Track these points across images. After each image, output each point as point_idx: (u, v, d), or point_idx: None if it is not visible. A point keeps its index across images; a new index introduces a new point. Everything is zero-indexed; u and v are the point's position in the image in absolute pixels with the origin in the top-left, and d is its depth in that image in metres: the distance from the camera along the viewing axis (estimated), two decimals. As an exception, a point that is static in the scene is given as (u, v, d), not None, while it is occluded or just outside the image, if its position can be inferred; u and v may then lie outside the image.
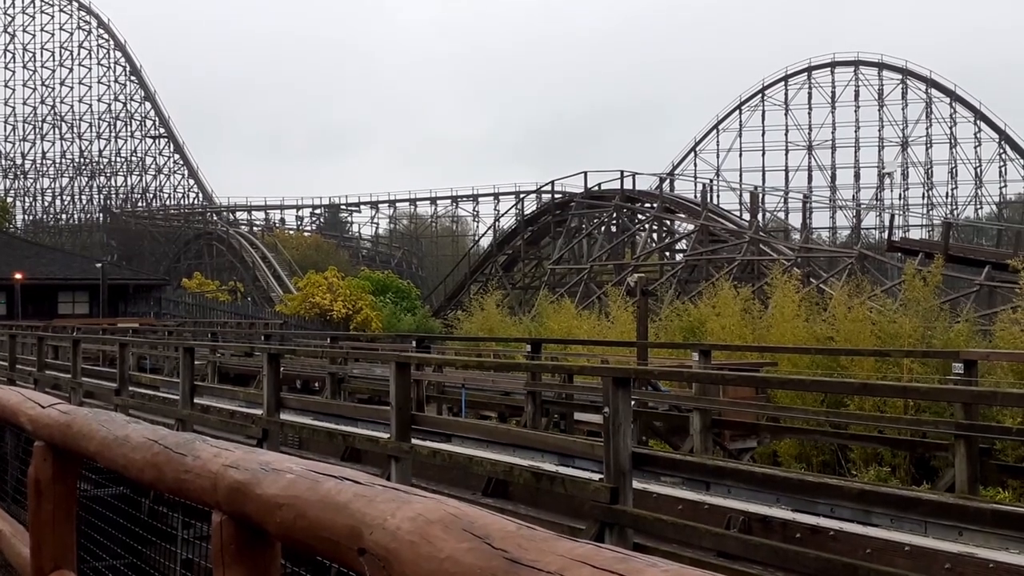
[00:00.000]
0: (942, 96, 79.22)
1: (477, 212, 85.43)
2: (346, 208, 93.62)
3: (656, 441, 15.60)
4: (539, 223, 61.21)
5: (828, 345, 19.43)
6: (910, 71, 79.75)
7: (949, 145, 79.43)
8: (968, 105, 78.37)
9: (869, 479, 13.96)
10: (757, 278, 39.31)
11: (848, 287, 25.39)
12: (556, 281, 53.55)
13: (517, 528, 1.62)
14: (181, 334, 30.82)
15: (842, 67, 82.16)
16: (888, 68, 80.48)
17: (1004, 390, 9.53)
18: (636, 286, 20.98)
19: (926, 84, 79.40)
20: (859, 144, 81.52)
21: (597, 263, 52.31)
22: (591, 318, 32.70)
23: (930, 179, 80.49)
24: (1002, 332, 18.33)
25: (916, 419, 12.62)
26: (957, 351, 12.06)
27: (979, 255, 37.51)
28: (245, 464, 2.26)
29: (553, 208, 59.35)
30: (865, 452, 15.38)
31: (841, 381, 8.52)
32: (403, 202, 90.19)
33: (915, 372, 16.68)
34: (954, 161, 79.50)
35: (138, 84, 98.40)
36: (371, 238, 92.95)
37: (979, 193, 79.11)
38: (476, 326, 36.52)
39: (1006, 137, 77.08)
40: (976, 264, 35.26)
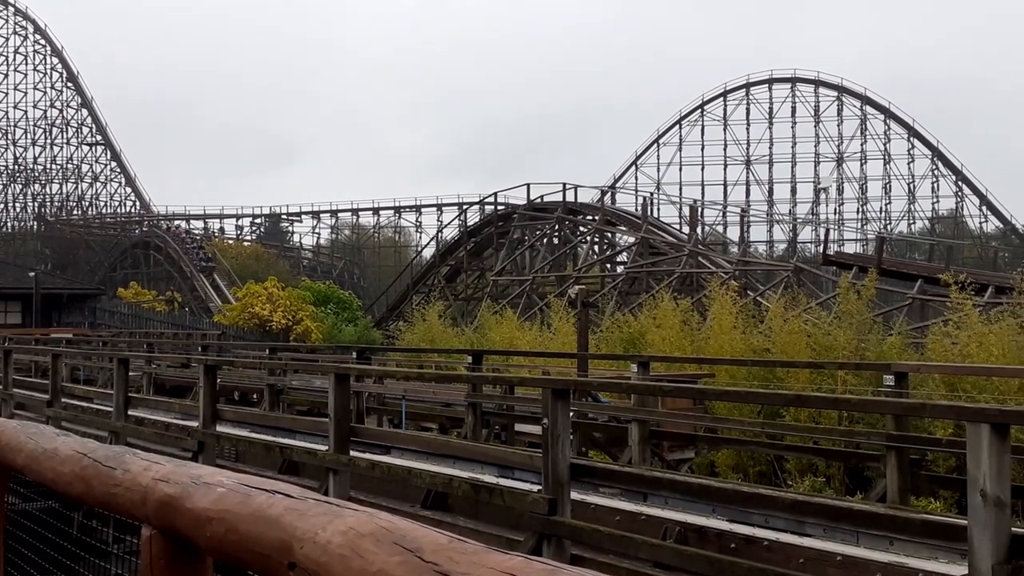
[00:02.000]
0: (877, 113, 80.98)
1: (420, 223, 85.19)
2: (287, 218, 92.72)
3: (596, 452, 15.69)
4: (482, 234, 61.27)
5: (765, 357, 19.71)
6: (846, 88, 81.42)
7: (883, 161, 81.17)
8: (902, 122, 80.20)
9: (804, 489, 14.19)
10: (696, 290, 39.73)
11: (784, 300, 25.81)
12: (499, 292, 53.59)
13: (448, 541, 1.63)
14: (116, 345, 30.26)
15: (779, 84, 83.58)
16: (824, 85, 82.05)
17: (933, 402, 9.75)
18: (577, 298, 21.14)
19: (861, 101, 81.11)
20: (796, 159, 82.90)
21: (539, 275, 52.47)
22: (533, 329, 32.78)
23: (865, 194, 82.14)
24: (933, 345, 18.73)
25: (849, 430, 12.87)
26: (889, 363, 12.31)
27: (912, 269, 38.34)
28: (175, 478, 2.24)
29: (496, 220, 59.44)
30: (801, 463, 15.62)
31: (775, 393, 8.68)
32: (345, 212, 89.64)
33: (849, 384, 16.99)
34: (888, 177, 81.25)
35: (75, 91, 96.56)
36: (312, 248, 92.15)
37: (912, 208, 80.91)
38: (418, 337, 36.40)
39: (939, 154, 78.98)
40: (909, 278, 36.04)
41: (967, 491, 5.13)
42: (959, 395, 15.07)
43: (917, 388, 15.16)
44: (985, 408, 5.16)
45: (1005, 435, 5.09)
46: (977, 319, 18.41)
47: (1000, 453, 5.03)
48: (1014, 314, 19.08)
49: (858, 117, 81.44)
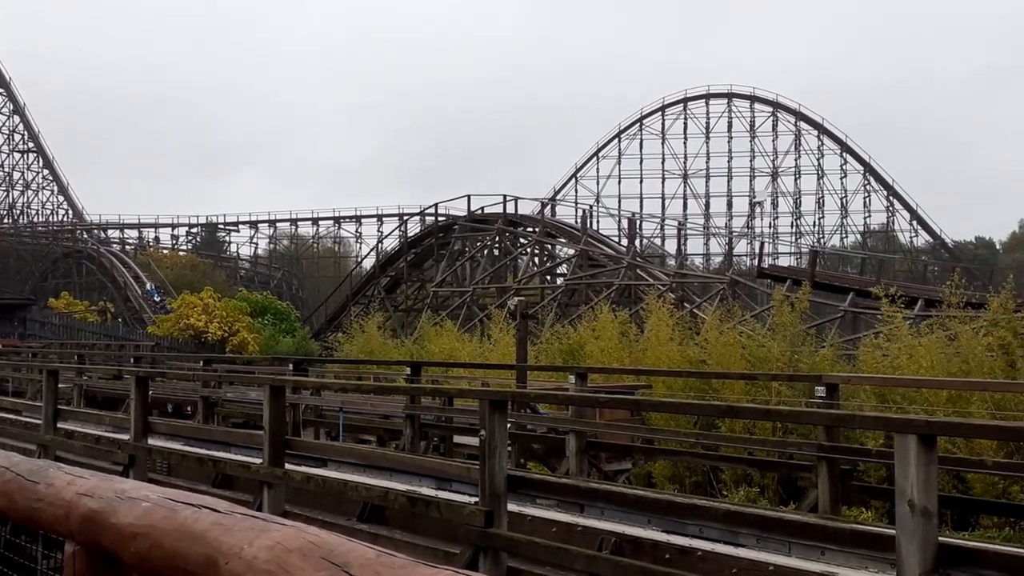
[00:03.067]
0: (810, 129, 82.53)
1: (360, 233, 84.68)
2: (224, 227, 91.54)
3: (534, 463, 15.71)
4: (423, 245, 61.12)
5: (700, 368, 19.92)
6: (780, 104, 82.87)
7: (817, 176, 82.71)
8: (835, 138, 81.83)
9: (739, 499, 14.35)
10: (634, 302, 40.04)
11: (720, 312, 26.10)
12: (439, 303, 53.48)
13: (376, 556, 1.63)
14: (46, 356, 29.58)
15: (716, 99, 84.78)
16: (760, 101, 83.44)
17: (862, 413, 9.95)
18: (517, 309, 21.15)
19: (795, 117, 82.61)
20: (732, 173, 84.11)
21: (480, 286, 52.50)
22: (473, 341, 32.76)
23: (798, 208, 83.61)
24: (865, 357, 19.07)
25: (782, 441, 13.05)
26: (820, 375, 12.53)
27: (844, 282, 39.09)
28: (100, 492, 2.21)
29: (437, 231, 59.34)
30: (736, 473, 15.80)
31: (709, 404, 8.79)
32: (284, 222, 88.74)
33: (783, 395, 17.24)
34: (821, 191, 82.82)
35: (7, 97, 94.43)
36: (250, 258, 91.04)
37: (844, 223, 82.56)
38: (357, 348, 36.14)
39: (870, 169, 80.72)
40: (841, 291, 36.74)
41: (895, 501, 5.22)
42: (890, 406, 15.36)
43: (849, 399, 15.43)
44: (912, 419, 5.28)
45: (932, 446, 5.18)
46: (907, 332, 18.79)
47: (927, 464, 5.12)
48: (943, 327, 19.52)
49: (792, 132, 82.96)
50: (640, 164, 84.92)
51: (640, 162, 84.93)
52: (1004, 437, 9.11)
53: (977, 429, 6.45)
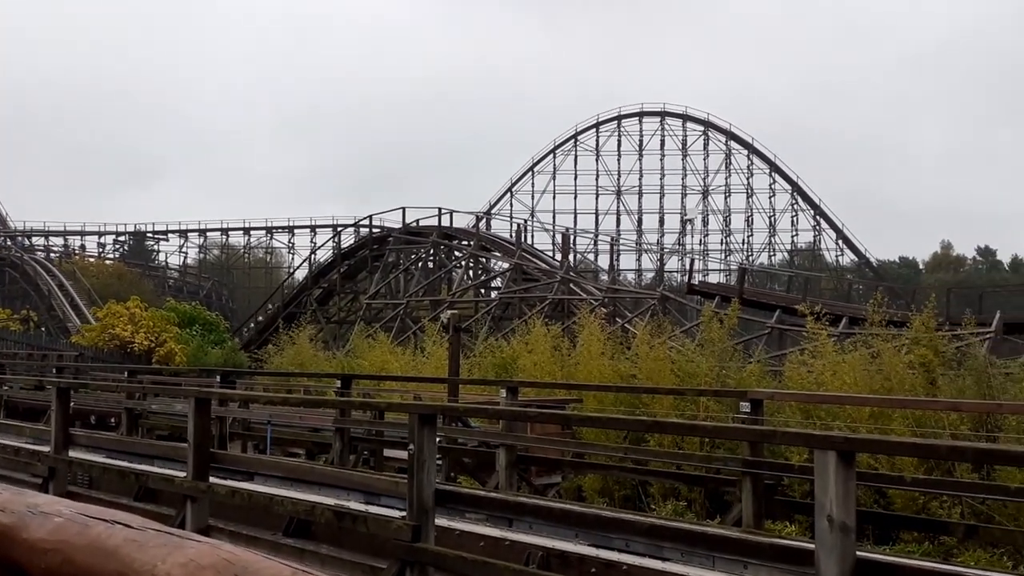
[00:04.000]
0: (740, 148, 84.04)
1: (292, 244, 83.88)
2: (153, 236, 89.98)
3: (465, 477, 15.69)
4: (356, 257, 60.70)
5: (631, 383, 20.09)
6: (712, 123, 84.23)
7: (746, 195, 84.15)
8: (764, 158, 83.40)
9: (666, 513, 14.49)
10: (567, 316, 40.26)
11: (651, 327, 26.38)
12: (372, 316, 53.17)
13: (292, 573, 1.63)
14: (-37, 365, 28.73)
15: (649, 117, 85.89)
16: (692, 120, 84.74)
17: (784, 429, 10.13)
18: (450, 322, 21.12)
19: (726, 136, 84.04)
20: (664, 191, 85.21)
21: (413, 298, 52.33)
22: (406, 354, 32.61)
23: (728, 226, 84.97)
24: (790, 373, 19.43)
25: (708, 456, 13.22)
26: (745, 390, 12.72)
27: (771, 299, 39.82)
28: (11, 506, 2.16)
29: (371, 242, 59.01)
30: (664, 487, 15.95)
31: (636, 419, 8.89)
32: (214, 231, 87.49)
33: (710, 410, 17.46)
34: (750, 210, 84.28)
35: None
36: (179, 268, 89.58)
37: (773, 241, 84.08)
38: (287, 360, 35.74)
39: (798, 189, 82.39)
40: (768, 308, 37.41)
41: (815, 516, 5.31)
42: (814, 422, 15.64)
43: (774, 415, 15.69)
44: (831, 436, 5.39)
45: (851, 462, 5.29)
46: (831, 349, 19.19)
47: (846, 479, 5.23)
48: (866, 344, 19.95)
49: (723, 151, 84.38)
50: (574, 180, 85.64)
51: (575, 178, 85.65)
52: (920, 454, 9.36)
53: (895, 446, 6.62)
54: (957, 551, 12.15)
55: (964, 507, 13.04)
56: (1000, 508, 12.73)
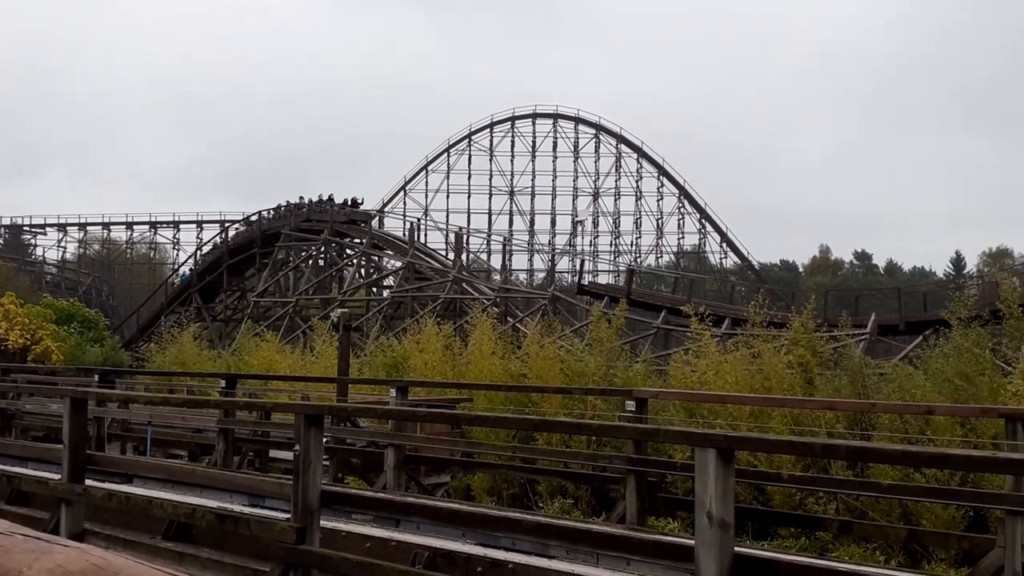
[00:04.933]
0: (630, 152, 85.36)
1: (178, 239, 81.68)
2: (29, 229, 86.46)
3: (353, 478, 15.56)
4: (244, 254, 59.50)
5: (521, 382, 20.23)
6: (603, 127, 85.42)
7: (635, 197, 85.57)
8: (653, 161, 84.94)
9: (554, 511, 14.66)
10: (459, 316, 40.33)
11: (541, 327, 26.60)
12: (260, 314, 52.24)
13: (163, 576, 1.60)
14: None
15: (542, 119, 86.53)
16: (583, 123, 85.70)
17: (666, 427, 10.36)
18: (340, 321, 20.91)
19: (616, 140, 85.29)
20: (556, 192, 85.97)
21: (303, 297, 51.60)
22: (295, 353, 32.13)
23: (618, 228, 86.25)
24: (675, 372, 19.85)
25: (594, 454, 13.41)
26: (631, 389, 12.95)
27: (658, 300, 40.66)
28: None
29: (260, 239, 57.94)
30: (552, 485, 16.12)
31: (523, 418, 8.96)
32: (95, 226, 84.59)
33: (598, 408, 17.72)
34: (639, 212, 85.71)
35: None
36: (57, 263, 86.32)
37: (660, 243, 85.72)
38: (170, 360, 34.79)
39: (685, 192, 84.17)
40: (655, 308, 38.20)
41: (695, 513, 5.43)
42: (697, 420, 16.02)
43: (659, 413, 16.01)
44: (712, 434, 5.53)
45: (730, 460, 5.42)
46: (714, 349, 19.63)
47: (725, 476, 5.35)
48: (748, 345, 20.51)
49: (614, 155, 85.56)
50: (468, 179, 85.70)
51: (468, 177, 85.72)
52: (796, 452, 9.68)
53: (772, 444, 6.83)
54: (832, 546, 12.61)
55: (839, 503, 13.54)
56: (873, 504, 13.26)
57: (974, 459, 5.37)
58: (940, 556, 11.99)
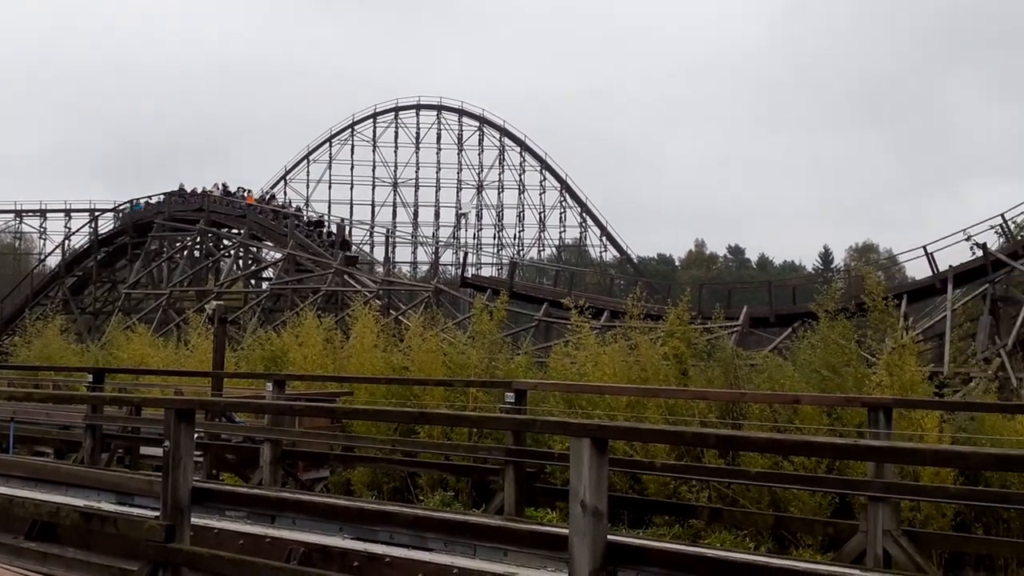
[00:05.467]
0: (513, 145, 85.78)
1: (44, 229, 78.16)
2: None
3: (228, 474, 15.24)
4: (115, 244, 57.44)
5: (403, 375, 20.15)
6: (487, 120, 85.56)
7: (518, 191, 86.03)
8: (535, 155, 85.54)
9: (434, 504, 14.66)
10: (341, 308, 39.84)
11: (424, 319, 26.54)
12: (132, 307, 50.56)
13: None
14: None
15: (426, 110, 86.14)
16: (467, 115, 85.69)
17: (542, 418, 10.48)
18: (215, 314, 20.41)
19: (500, 133, 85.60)
20: (440, 184, 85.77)
21: (177, 289, 50.17)
22: (169, 346, 31.24)
23: (501, 221, 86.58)
24: (555, 363, 20.06)
25: (473, 445, 13.46)
26: (510, 381, 13.04)
27: (539, 293, 41.03)
28: None
29: (132, 229, 56.01)
30: (432, 478, 16.12)
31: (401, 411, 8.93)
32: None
33: (479, 400, 17.79)
34: (522, 206, 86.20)
35: None
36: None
37: (542, 236, 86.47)
38: (35, 354, 33.37)
39: (567, 187, 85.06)
40: (537, 301, 38.56)
41: (569, 502, 5.49)
42: (576, 411, 16.24)
43: (539, 404, 16.16)
44: (586, 423, 5.59)
45: (604, 449, 5.49)
46: (594, 341, 19.93)
47: (599, 466, 5.42)
48: (626, 336, 20.89)
49: (497, 148, 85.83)
50: (351, 170, 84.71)
51: (351, 168, 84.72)
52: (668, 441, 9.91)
53: (645, 433, 6.97)
54: (705, 533, 12.96)
55: (711, 491, 13.92)
56: (744, 492, 13.66)
57: (836, 446, 5.59)
58: (807, 542, 12.42)
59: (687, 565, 5.19)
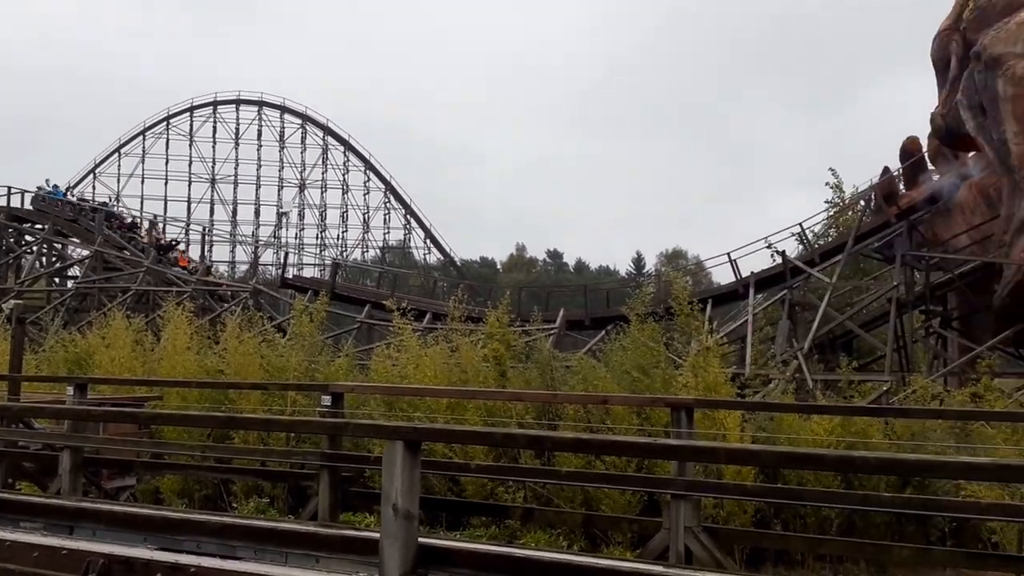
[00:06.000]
0: (337, 144, 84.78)
1: None
2: None
3: (26, 483, 14.42)
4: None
5: (218, 378, 19.56)
6: (310, 117, 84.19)
7: (342, 191, 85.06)
8: (360, 155, 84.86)
9: (249, 511, 14.29)
10: (153, 309, 38.28)
11: (241, 321, 25.83)
12: (-82, 306, 46.93)
13: None
14: None
15: (247, 105, 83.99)
16: (290, 112, 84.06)
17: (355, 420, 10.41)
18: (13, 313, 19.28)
19: (324, 132, 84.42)
20: (260, 182, 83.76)
21: (-30, 287, 46.95)
22: (-41, 348, 29.18)
23: (324, 221, 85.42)
24: (376, 366, 19.93)
25: (287, 451, 13.23)
26: (327, 384, 12.90)
27: (362, 295, 40.67)
28: None
29: (-82, 224, 52.01)
30: (247, 484, 15.71)
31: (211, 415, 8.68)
32: None
33: (298, 404, 17.47)
34: (346, 206, 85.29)
35: None
36: None
37: (366, 237, 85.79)
38: None
39: (391, 188, 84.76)
40: (359, 303, 38.21)
41: (381, 505, 5.50)
42: (397, 413, 16.20)
43: (360, 407, 16.03)
44: (399, 426, 5.63)
45: (417, 451, 5.53)
46: (416, 343, 19.93)
47: (412, 468, 5.45)
48: (447, 339, 21.01)
49: (321, 146, 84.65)
50: (166, 165, 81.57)
51: (166, 163, 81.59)
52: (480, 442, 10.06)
53: (458, 434, 7.06)
54: (521, 533, 13.18)
55: (528, 492, 14.16)
56: (558, 491, 13.97)
57: (638, 445, 5.82)
58: (618, 539, 12.83)
59: (492, 564, 5.31)
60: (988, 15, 29.86)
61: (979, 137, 30.13)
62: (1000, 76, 28.61)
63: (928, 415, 13.42)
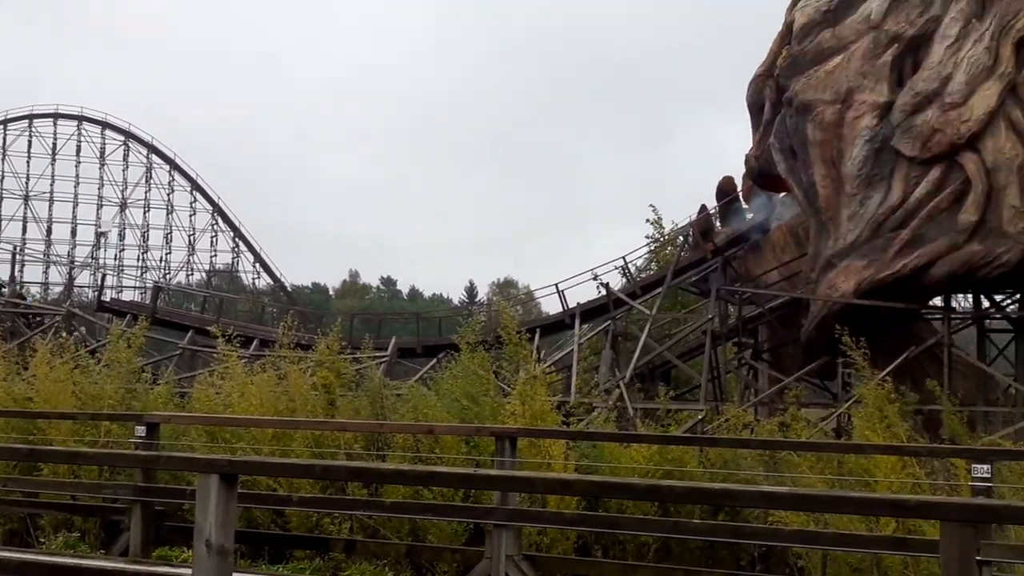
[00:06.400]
0: (162, 163, 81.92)
1: None
2: None
3: None
4: None
5: (26, 407, 18.53)
6: (133, 134, 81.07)
7: (166, 211, 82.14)
8: (186, 175, 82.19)
9: (57, 547, 13.57)
10: (-46, 333, 35.91)
11: (53, 346, 24.54)
12: None
13: None
14: None
15: (65, 120, 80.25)
16: (112, 128, 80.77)
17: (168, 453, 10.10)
18: None
19: (148, 149, 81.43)
20: (78, 200, 80.00)
21: None
22: None
23: (146, 242, 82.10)
24: (198, 394, 19.29)
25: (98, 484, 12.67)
26: (141, 414, 12.44)
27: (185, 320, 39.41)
28: None
29: None
30: (56, 519, 14.90)
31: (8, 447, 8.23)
32: None
33: (113, 434, 16.71)
34: (170, 227, 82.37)
35: None
36: None
37: (192, 260, 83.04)
38: None
39: (219, 210, 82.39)
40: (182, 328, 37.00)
41: (194, 541, 5.37)
42: (220, 444, 15.73)
43: (179, 438, 15.49)
44: (215, 459, 5.53)
45: (233, 484, 5.43)
46: (242, 370, 19.41)
47: (227, 502, 5.35)
48: (275, 366, 20.58)
49: (144, 165, 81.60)
50: (-27, 179, 76.83)
51: (-27, 177, 76.84)
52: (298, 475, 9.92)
53: (276, 467, 6.95)
54: (346, 565, 13.02)
55: (355, 523, 14.00)
56: (385, 522, 13.88)
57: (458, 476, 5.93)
58: (443, 569, 12.84)
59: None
60: (800, 63, 31.78)
61: (789, 179, 32.01)
62: (810, 121, 30.54)
63: (735, 444, 14.10)
